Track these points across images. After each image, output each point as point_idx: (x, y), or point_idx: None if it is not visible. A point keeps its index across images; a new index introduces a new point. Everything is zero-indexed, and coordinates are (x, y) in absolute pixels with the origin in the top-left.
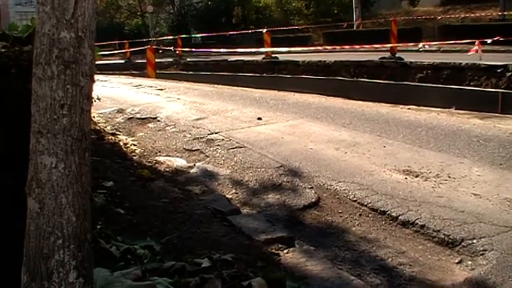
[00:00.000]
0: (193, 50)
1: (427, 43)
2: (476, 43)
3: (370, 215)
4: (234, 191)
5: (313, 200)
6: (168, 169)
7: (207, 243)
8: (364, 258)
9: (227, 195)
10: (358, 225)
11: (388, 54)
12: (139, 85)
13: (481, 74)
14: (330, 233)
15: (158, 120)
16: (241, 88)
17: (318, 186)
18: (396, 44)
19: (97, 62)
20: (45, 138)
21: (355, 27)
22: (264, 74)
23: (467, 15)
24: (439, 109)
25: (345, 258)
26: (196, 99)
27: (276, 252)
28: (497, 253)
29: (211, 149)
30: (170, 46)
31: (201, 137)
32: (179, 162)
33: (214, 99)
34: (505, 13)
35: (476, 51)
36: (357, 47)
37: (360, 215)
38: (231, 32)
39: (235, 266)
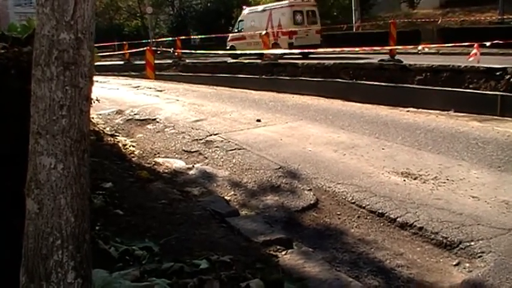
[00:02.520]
0: (193, 51)
1: (426, 45)
2: (475, 46)
3: (368, 217)
4: (232, 192)
5: (312, 201)
6: (166, 170)
7: (205, 244)
8: (362, 260)
9: (226, 197)
10: (356, 227)
11: (387, 57)
12: (139, 86)
13: (480, 76)
14: (328, 234)
15: (157, 122)
16: (241, 90)
17: (317, 188)
18: (395, 47)
19: (96, 63)
20: (44, 139)
21: (354, 30)
22: (263, 76)
23: (466, 18)
24: (437, 111)
25: (343, 260)
26: (196, 101)
27: (274, 253)
28: (495, 255)
29: (210, 150)
30: (169, 47)
31: (200, 139)
32: (178, 163)
33: (213, 100)
34: (504, 16)
35: (476, 54)
36: (356, 49)
37: (358, 217)
38: (230, 34)
39: (233, 268)
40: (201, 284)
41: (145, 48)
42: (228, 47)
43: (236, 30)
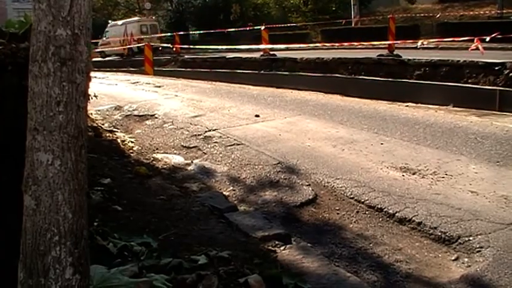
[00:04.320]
0: (191, 46)
1: (426, 40)
2: (476, 40)
3: (367, 212)
4: (231, 188)
5: (310, 197)
6: (165, 166)
7: (204, 240)
8: (361, 255)
9: (224, 192)
10: (355, 222)
11: (386, 52)
12: (137, 82)
13: (479, 71)
14: (326, 230)
15: (156, 118)
16: (239, 85)
17: (315, 183)
18: (394, 42)
19: (95, 59)
20: (41, 135)
21: (353, 25)
22: (262, 71)
23: (465, 12)
24: (436, 106)
25: (341, 255)
26: (194, 96)
27: (273, 249)
28: (494, 250)
29: (209, 146)
30: (168, 43)
31: (198, 134)
32: (177, 159)
33: (212, 96)
34: (503, 11)
35: (477, 48)
36: (355, 44)
37: (357, 212)
38: (229, 29)
39: (232, 263)
40: (199, 280)
41: (143, 44)
42: (98, 50)
43: (104, 38)
